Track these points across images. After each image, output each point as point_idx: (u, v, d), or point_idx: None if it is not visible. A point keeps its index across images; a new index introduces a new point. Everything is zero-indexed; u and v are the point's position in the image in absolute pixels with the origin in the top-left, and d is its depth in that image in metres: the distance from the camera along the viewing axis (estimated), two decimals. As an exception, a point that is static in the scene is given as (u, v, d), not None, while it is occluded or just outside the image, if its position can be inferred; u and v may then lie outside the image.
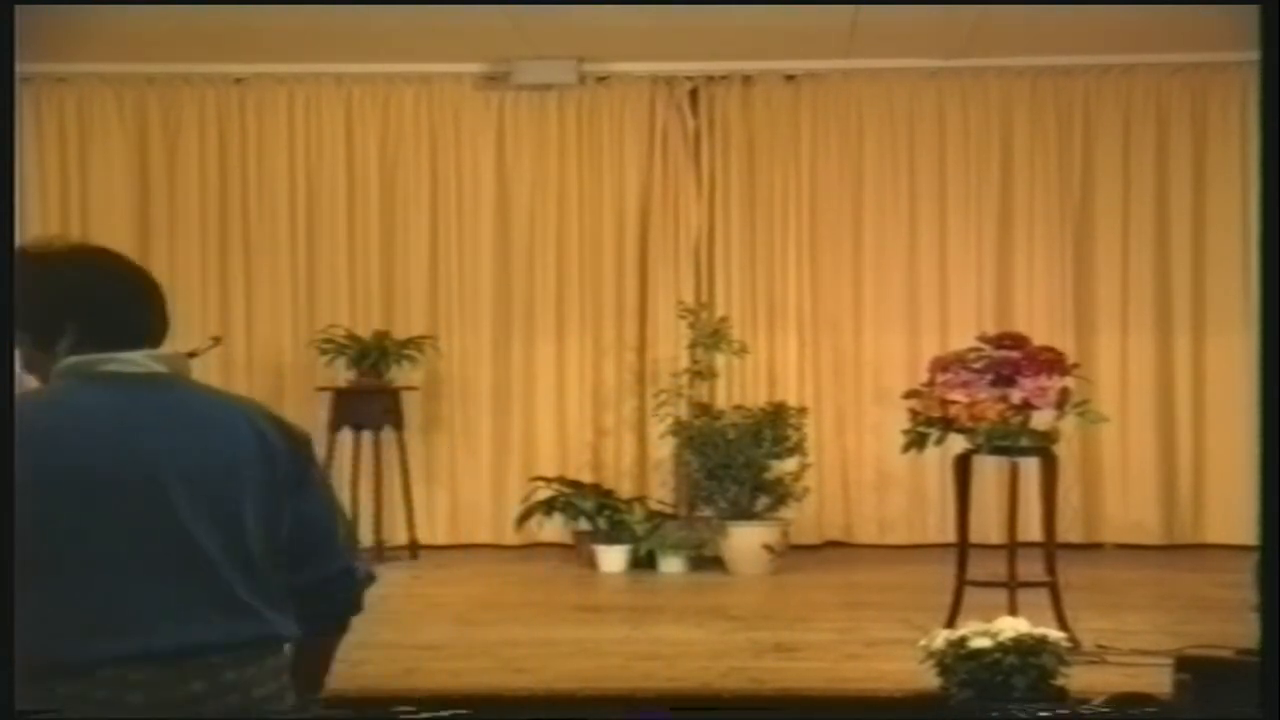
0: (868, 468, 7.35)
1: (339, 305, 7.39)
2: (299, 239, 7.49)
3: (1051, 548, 4.90)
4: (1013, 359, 4.87)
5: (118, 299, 1.93)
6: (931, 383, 4.94)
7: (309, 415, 7.09)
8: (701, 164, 7.43)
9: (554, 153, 7.41)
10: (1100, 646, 4.62)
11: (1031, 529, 5.14)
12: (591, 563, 6.64)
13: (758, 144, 7.42)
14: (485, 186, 7.45)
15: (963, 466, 5.00)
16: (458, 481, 7.42)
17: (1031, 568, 4.84)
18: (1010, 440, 4.82)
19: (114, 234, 7.41)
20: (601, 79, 7.38)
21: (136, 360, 1.91)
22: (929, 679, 3.74)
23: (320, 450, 7.08)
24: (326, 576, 2.03)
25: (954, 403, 4.83)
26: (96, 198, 7.44)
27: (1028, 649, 3.71)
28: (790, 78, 7.37)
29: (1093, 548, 7.14)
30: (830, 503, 7.35)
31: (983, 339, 5.03)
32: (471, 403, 7.35)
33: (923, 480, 7.17)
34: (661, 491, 7.21)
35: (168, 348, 1.94)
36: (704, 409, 6.93)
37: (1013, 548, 4.83)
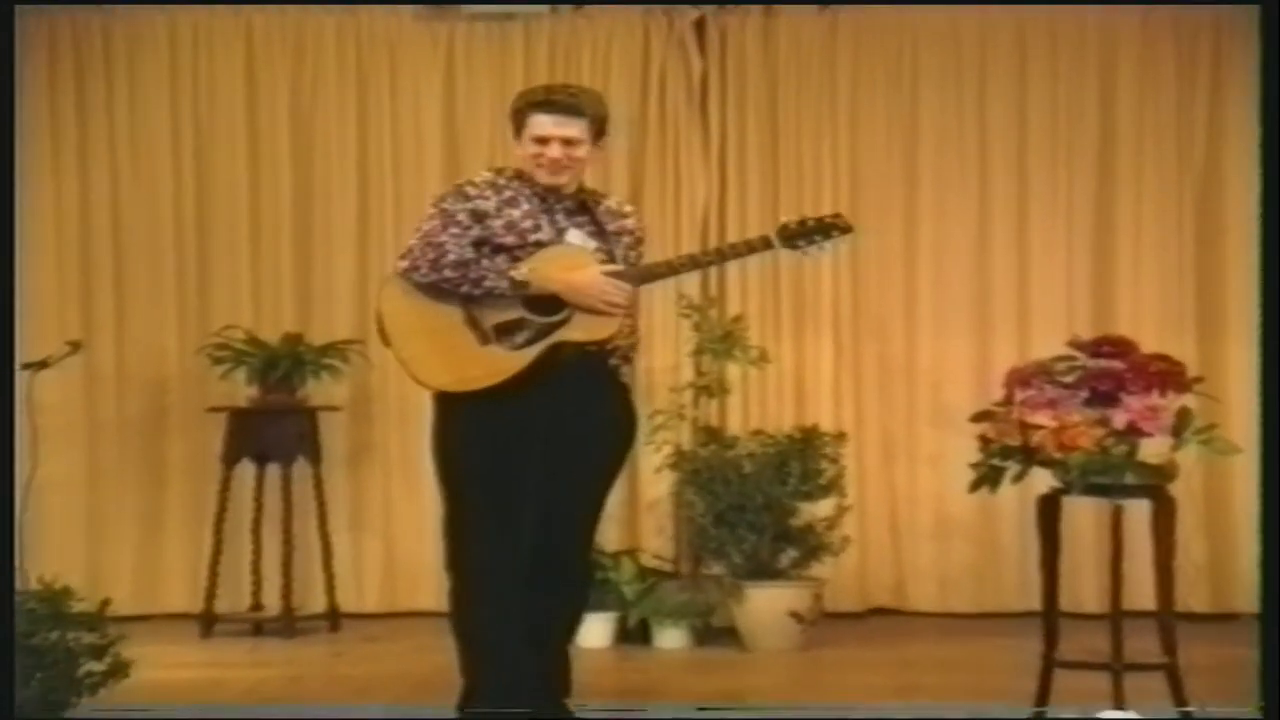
0: (925, 511, 7.38)
1: (238, 300, 7.38)
2: (185, 214, 7.45)
3: (1169, 618, 4.86)
4: (1115, 371, 4.87)
5: None
6: (1008, 401, 4.96)
7: (198, 442, 7.20)
8: (710, 117, 7.45)
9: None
10: (1234, 748, 4.62)
11: (1141, 593, 5.13)
12: (566, 635, 6.57)
13: (783, 91, 7.45)
14: (430, 146, 7.45)
15: (1049, 510, 5.01)
16: (393, 530, 7.43)
17: (1142, 644, 4.82)
18: (1111, 476, 4.82)
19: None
20: (579, 6, 7.42)
21: None
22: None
23: (212, 487, 7.10)
24: None
25: (1037, 427, 4.84)
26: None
27: (1139, 752, 3.63)
28: (824, 5, 7.42)
29: (1223, 618, 7.14)
30: (876, 557, 7.38)
31: (1075, 344, 5.03)
32: (413, 426, 7.06)
33: (996, 528, 7.21)
34: (657, 542, 7.19)
35: None
36: (712, 434, 6.92)
37: (1117, 618, 4.81)
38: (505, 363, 4.25)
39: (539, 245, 4.34)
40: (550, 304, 4.29)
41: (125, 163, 7.42)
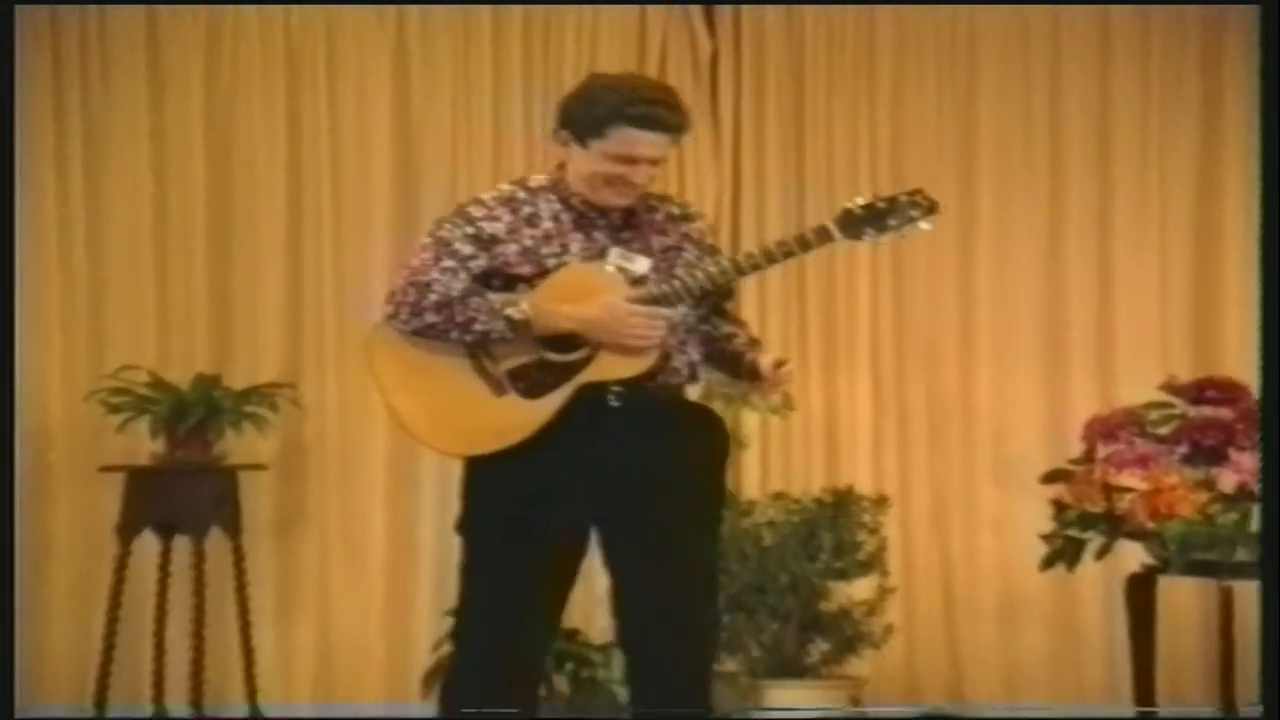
0: (987, 592, 7.31)
1: (141, 334, 7.28)
2: (75, 231, 7.35)
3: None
4: (1222, 421, 5.03)
5: None
6: (1089, 457, 5.18)
7: (89, 508, 7.14)
8: (721, 108, 7.44)
9: (486, 96, 7.40)
10: None
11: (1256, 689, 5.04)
12: (544, 745, 6.60)
13: (811, 79, 7.43)
14: (378, 151, 7.38)
15: (1142, 592, 5.23)
16: (330, 615, 7.33)
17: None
18: (1219, 552, 4.95)
19: None
20: (562, -19, 7.46)
21: None
22: None
23: (105, 564, 6.91)
24: None
25: (1125, 490, 5.01)
26: None
27: None
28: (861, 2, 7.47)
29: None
30: (928, 649, 7.29)
31: (1171, 387, 5.27)
32: (356, 488, 7.34)
33: (1076, 613, 7.17)
34: (657, 631, 7.08)
35: None
36: (723, 498, 6.82)
37: (1229, 723, 4.88)
38: (524, 416, 4.20)
39: None
40: (572, 338, 4.25)
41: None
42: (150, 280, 7.29)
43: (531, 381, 4.22)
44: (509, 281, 4.26)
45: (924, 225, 4.44)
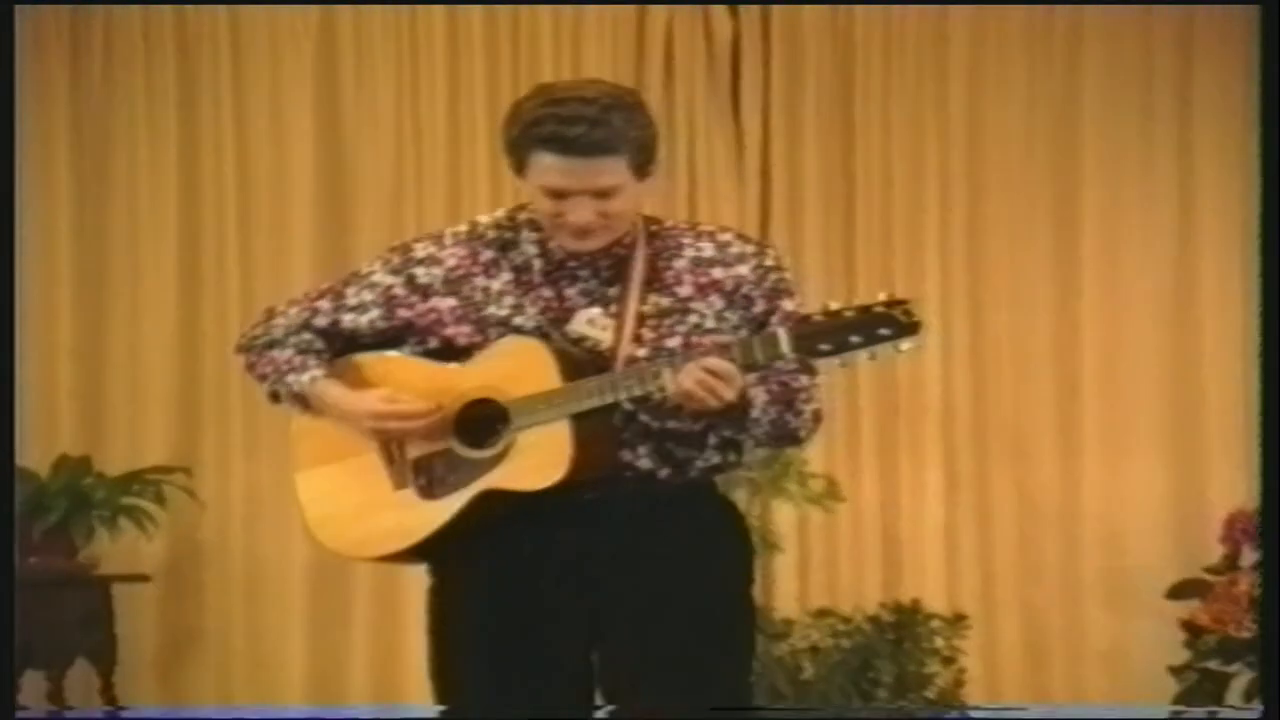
0: None
1: None
2: None
3: None
4: None
5: None
6: (1232, 564, 5.23)
7: None
8: (743, 111, 7.46)
9: (440, 105, 7.45)
10: None
11: None
12: None
13: (863, 76, 7.45)
14: (298, 169, 7.43)
15: None
16: None
17: None
18: None
19: None
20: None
21: None
22: None
23: None
24: None
25: None
26: None
27: None
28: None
29: None
30: None
31: None
32: (268, 605, 7.34)
33: None
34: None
35: None
36: (754, 615, 6.81)
37: None
38: (414, 519, 4.02)
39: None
40: (489, 429, 3.96)
41: None
42: None
43: (433, 477, 4.03)
44: (447, 346, 3.97)
45: (902, 346, 3.85)
